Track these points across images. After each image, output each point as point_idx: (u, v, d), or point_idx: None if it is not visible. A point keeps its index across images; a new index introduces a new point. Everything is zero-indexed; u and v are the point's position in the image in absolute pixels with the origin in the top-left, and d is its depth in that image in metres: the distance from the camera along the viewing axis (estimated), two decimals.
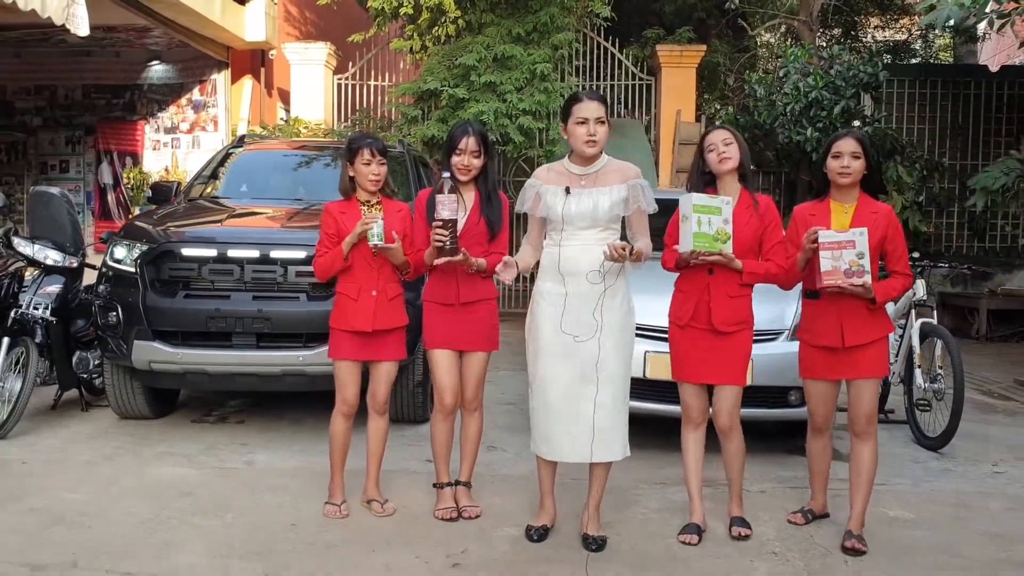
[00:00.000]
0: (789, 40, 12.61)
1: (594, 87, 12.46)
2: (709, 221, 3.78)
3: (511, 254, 3.99)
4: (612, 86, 12.56)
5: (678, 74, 12.13)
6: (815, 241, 3.74)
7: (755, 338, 4.15)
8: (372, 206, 4.16)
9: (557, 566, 3.70)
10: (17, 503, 4.29)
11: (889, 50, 15.26)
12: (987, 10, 6.63)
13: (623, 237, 3.91)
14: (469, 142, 4.06)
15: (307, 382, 5.30)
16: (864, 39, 16.02)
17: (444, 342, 4.14)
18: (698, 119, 12.22)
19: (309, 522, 4.11)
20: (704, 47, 12.43)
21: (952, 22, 7.04)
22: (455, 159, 4.08)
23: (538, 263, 3.97)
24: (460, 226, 3.98)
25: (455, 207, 3.89)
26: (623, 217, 3.89)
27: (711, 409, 4.07)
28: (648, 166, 11.41)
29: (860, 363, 3.87)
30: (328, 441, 4.27)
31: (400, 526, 4.08)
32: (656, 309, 5.24)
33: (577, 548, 3.87)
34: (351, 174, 4.16)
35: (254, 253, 5.29)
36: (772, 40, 14.88)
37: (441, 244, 3.87)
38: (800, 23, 11.78)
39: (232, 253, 5.31)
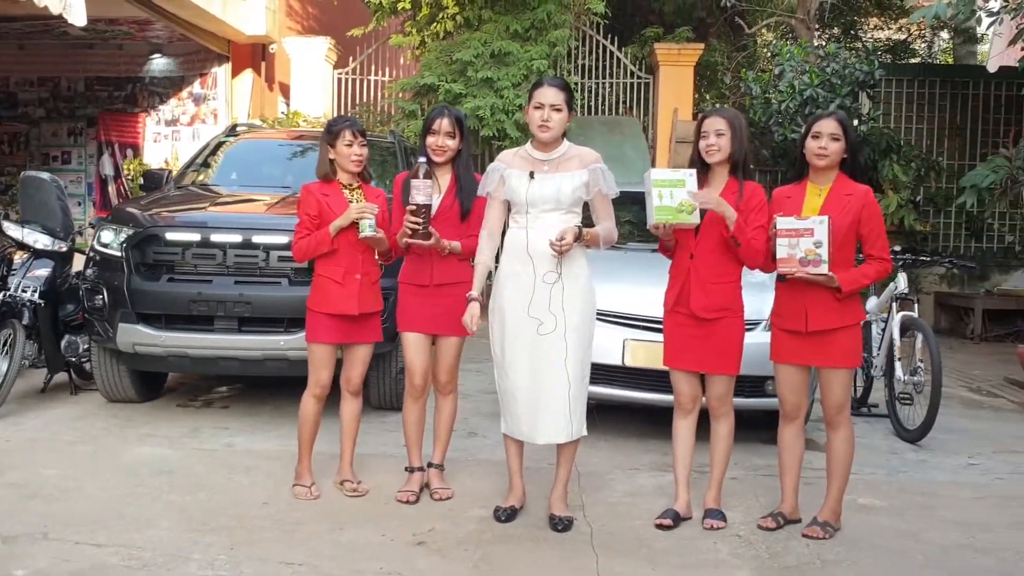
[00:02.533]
0: (786, 39, 12.62)
1: (593, 85, 12.52)
2: (671, 194, 3.80)
3: None
4: (611, 84, 12.59)
5: (676, 73, 12.13)
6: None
7: None
8: (353, 190, 4.21)
9: (521, 544, 3.75)
10: None
11: (889, 50, 15.23)
12: (974, 7, 6.63)
13: (586, 220, 3.96)
14: (443, 123, 4.11)
15: (288, 367, 5.35)
16: (863, 38, 16.00)
17: (417, 325, 4.19)
18: (695, 117, 12.23)
19: (281, 501, 4.17)
20: (702, 46, 12.44)
21: (940, 17, 7.05)
22: (430, 139, 4.13)
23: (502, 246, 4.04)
24: (434, 209, 4.03)
25: (429, 192, 3.94)
26: (585, 201, 3.95)
27: (703, 397, 4.09)
28: (644, 163, 11.44)
29: (827, 350, 3.85)
30: (298, 423, 4.29)
31: (370, 506, 4.13)
32: (636, 297, 5.33)
33: (544, 528, 3.91)
34: (331, 156, 4.20)
35: (236, 238, 5.35)
36: (771, 39, 14.90)
37: (414, 228, 3.93)
38: (798, 21, 11.79)
39: (215, 237, 5.37)
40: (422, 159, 4.01)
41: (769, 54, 11.38)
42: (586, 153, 3.96)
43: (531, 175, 3.88)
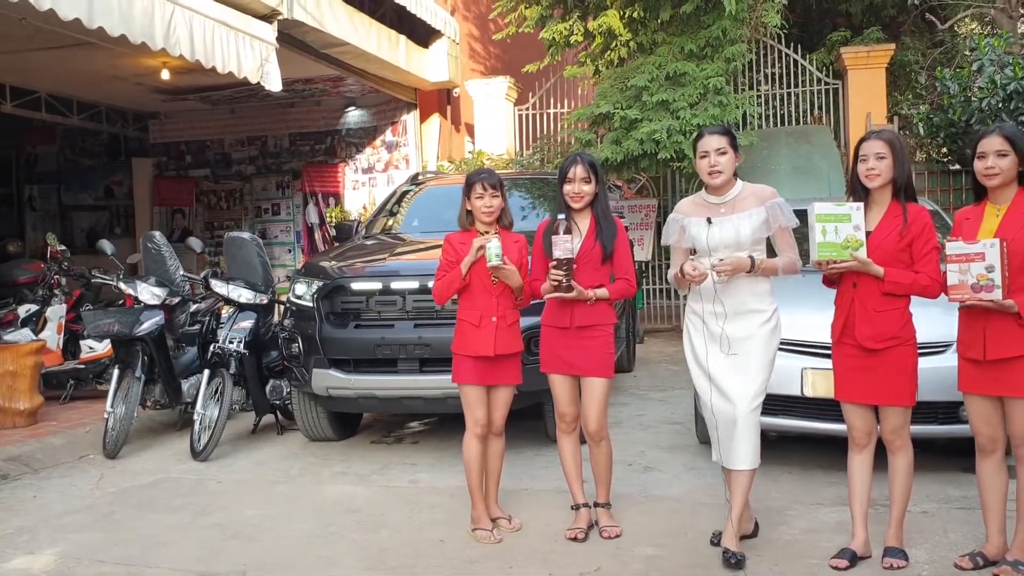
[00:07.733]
0: (985, 30, 11.77)
1: (778, 94, 12.20)
2: (836, 229, 3.72)
3: (637, 277, 4.14)
4: (797, 93, 12.21)
5: (866, 76, 11.60)
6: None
7: (922, 351, 3.97)
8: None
9: None
10: (205, 518, 4.79)
11: None
12: None
13: (770, 255, 4.00)
14: (577, 170, 4.24)
15: None
16: None
17: (558, 367, 4.29)
18: (890, 120, 11.63)
19: (456, 539, 4.32)
20: (892, 46, 11.82)
21: None
22: (567, 188, 4.26)
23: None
24: (576, 249, 4.14)
25: (569, 247, 4.07)
26: (767, 237, 3.99)
27: (878, 428, 3.94)
28: (837, 173, 10.98)
29: (1010, 379, 3.58)
30: (464, 467, 4.41)
31: (540, 544, 4.21)
32: (815, 324, 5.12)
33: (714, 568, 3.84)
34: (468, 208, 4.38)
35: (413, 284, 5.65)
36: (975, 28, 13.93)
37: (557, 283, 4.06)
38: (998, 11, 10.98)
39: (394, 285, 5.70)
40: (561, 216, 4.13)
41: (968, 48, 10.61)
42: (761, 189, 4.00)
43: (708, 221, 3.95)
